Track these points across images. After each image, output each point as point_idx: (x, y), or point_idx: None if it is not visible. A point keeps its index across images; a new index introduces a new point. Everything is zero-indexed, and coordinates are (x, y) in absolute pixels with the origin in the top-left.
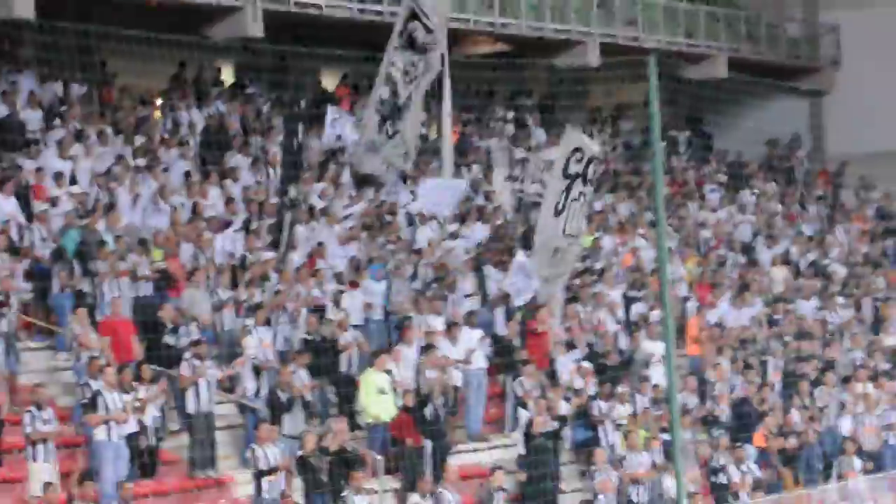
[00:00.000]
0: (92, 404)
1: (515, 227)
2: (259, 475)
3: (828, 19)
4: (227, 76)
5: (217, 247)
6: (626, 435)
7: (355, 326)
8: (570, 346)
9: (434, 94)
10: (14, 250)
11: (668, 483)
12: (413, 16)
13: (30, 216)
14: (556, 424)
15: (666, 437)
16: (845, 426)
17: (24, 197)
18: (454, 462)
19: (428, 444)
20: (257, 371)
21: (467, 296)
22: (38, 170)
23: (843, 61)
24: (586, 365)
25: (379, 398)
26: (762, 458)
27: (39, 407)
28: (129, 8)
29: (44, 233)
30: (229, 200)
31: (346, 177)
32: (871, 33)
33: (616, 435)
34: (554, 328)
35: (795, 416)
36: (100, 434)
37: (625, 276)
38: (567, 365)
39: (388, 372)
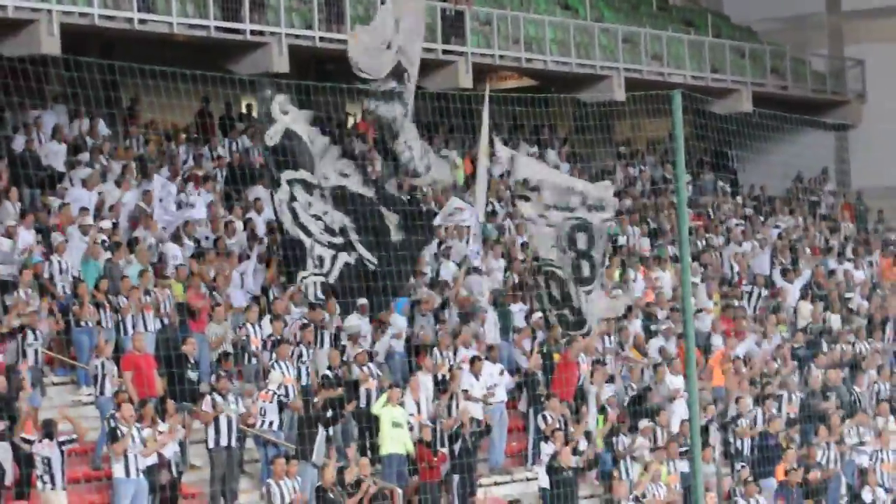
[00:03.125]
0: (112, 438)
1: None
2: None
3: (853, 53)
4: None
5: (237, 280)
6: (646, 468)
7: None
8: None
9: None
10: (38, 285)
11: None
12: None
13: (50, 249)
14: (580, 460)
15: (684, 469)
16: (864, 460)
17: (44, 231)
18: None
19: (455, 478)
20: (281, 406)
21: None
22: (63, 205)
23: (869, 95)
24: (614, 397)
25: (394, 431)
26: (783, 491)
27: (61, 443)
28: (153, 44)
29: (64, 266)
30: (252, 235)
31: None
32: None
33: (636, 468)
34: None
35: (817, 449)
36: (118, 471)
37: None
38: (595, 398)
39: (402, 405)
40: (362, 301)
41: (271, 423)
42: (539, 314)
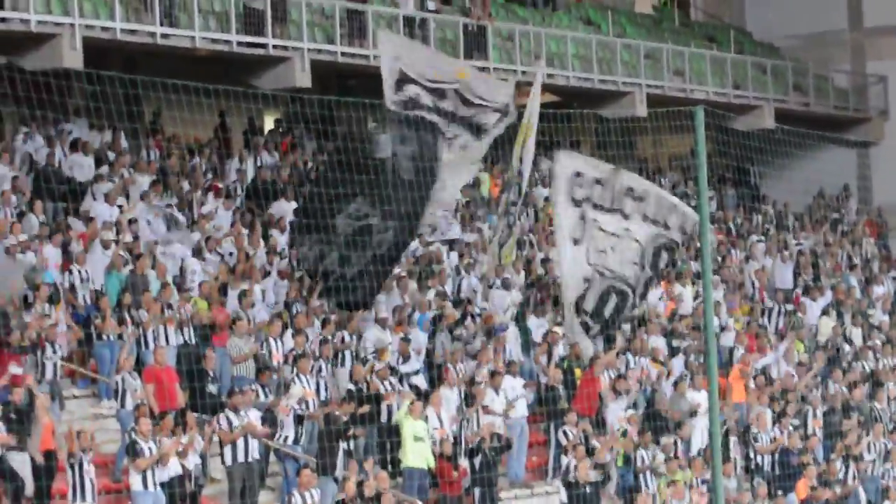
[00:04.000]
0: (130, 452)
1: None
2: None
3: (875, 69)
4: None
5: (259, 295)
6: (668, 483)
7: (400, 378)
8: (618, 393)
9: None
10: (56, 298)
11: None
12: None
13: (70, 260)
14: (600, 474)
15: (707, 486)
16: (886, 475)
17: (65, 245)
18: None
19: (476, 492)
20: (299, 419)
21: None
22: (89, 219)
23: (891, 111)
24: (634, 413)
25: (416, 445)
26: None
27: (85, 451)
28: (176, 58)
29: (84, 275)
30: (272, 250)
31: None
32: None
33: (656, 483)
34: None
35: (838, 465)
36: (136, 484)
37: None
38: (616, 413)
39: (425, 419)
40: (382, 314)
41: (286, 438)
42: (557, 328)
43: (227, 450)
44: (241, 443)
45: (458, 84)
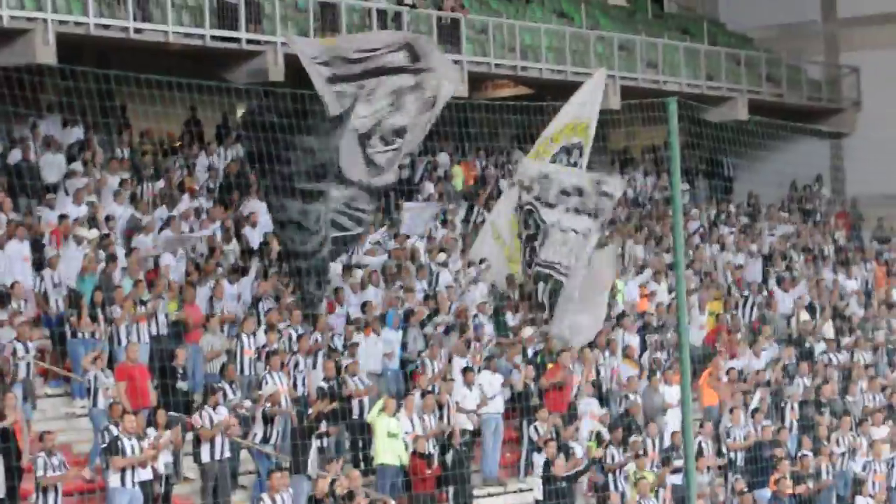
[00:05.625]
0: (112, 450)
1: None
2: None
3: (849, 61)
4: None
5: (230, 293)
6: (636, 482)
7: (378, 375)
8: (590, 391)
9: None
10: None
11: None
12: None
13: (42, 261)
14: (576, 469)
15: (677, 481)
16: (857, 470)
17: (37, 242)
18: None
19: (450, 490)
20: (265, 418)
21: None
22: (61, 216)
23: (864, 102)
24: (605, 411)
25: (389, 442)
26: (776, 502)
27: (50, 453)
28: (148, 53)
29: (56, 279)
30: (246, 248)
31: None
32: (893, 74)
33: (626, 481)
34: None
35: (810, 460)
36: (114, 481)
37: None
38: (587, 410)
39: (397, 417)
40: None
41: (255, 436)
42: (530, 328)
43: (205, 448)
44: (217, 440)
45: (406, 44)
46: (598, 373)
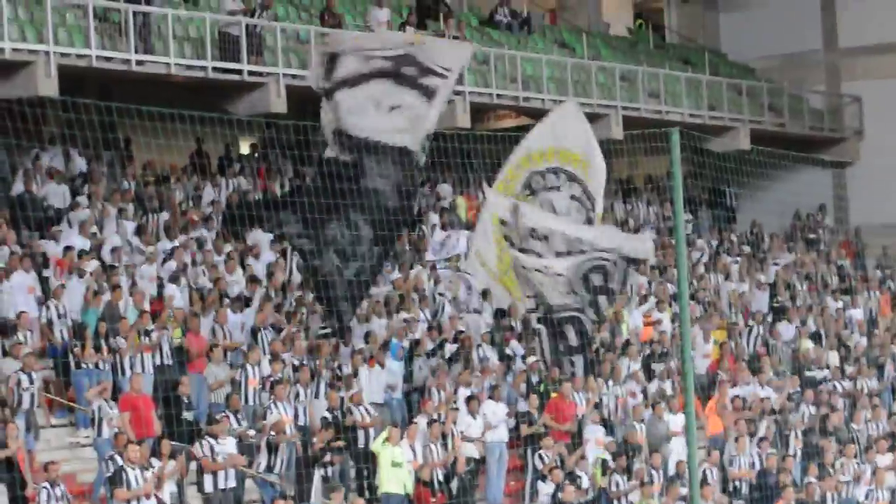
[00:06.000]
0: (116, 479)
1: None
2: None
3: (850, 90)
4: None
5: (234, 322)
6: None
7: (381, 405)
8: (594, 419)
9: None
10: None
11: None
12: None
13: (47, 293)
14: (582, 499)
15: None
16: (860, 498)
17: (40, 274)
18: None
19: None
20: (270, 447)
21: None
22: (66, 248)
23: (866, 131)
24: (610, 439)
25: (393, 471)
26: None
27: (53, 484)
28: (150, 85)
29: (61, 309)
30: (252, 279)
31: None
32: (894, 103)
33: None
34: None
35: (815, 487)
36: None
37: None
38: (592, 438)
39: (403, 446)
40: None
41: (259, 465)
42: (534, 358)
43: (208, 478)
44: (221, 471)
45: (409, 49)
46: (600, 401)
